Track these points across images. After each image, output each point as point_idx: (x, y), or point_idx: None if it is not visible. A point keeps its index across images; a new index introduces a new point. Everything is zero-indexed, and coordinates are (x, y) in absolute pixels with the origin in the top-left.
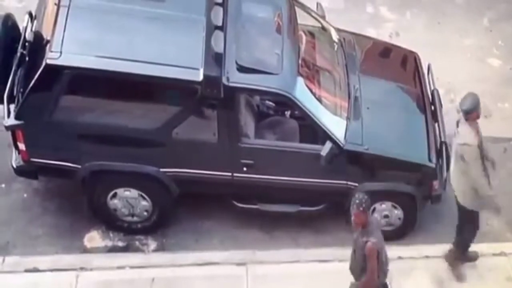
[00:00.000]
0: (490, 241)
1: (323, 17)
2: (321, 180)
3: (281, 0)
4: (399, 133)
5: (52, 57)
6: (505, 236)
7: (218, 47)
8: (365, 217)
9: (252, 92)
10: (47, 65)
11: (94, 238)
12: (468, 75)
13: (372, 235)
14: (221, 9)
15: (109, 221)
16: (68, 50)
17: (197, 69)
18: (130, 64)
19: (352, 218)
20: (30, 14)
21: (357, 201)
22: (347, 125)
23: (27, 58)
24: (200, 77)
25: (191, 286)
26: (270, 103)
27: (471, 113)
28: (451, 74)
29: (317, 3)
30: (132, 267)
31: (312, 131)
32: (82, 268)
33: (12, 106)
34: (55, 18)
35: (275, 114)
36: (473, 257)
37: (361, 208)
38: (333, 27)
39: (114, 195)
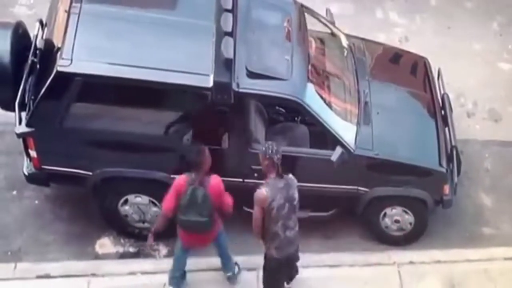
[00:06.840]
0: (501, 245)
1: (333, 23)
2: (332, 185)
3: (290, 6)
4: (410, 138)
5: (63, 64)
6: None
7: (228, 53)
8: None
9: (262, 98)
10: (58, 73)
11: (105, 244)
12: (478, 80)
13: (268, 186)
14: (230, 15)
15: (120, 227)
16: (78, 57)
17: (207, 75)
18: (140, 71)
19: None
20: (41, 22)
21: (264, 148)
22: (357, 130)
23: (38, 66)
24: (210, 83)
25: None
26: (280, 109)
27: None
28: (461, 78)
29: (327, 9)
30: (143, 273)
31: (322, 136)
32: (93, 274)
33: (23, 114)
34: (66, 25)
35: (285, 120)
36: None
37: (266, 156)
38: (342, 32)
39: (125, 202)
